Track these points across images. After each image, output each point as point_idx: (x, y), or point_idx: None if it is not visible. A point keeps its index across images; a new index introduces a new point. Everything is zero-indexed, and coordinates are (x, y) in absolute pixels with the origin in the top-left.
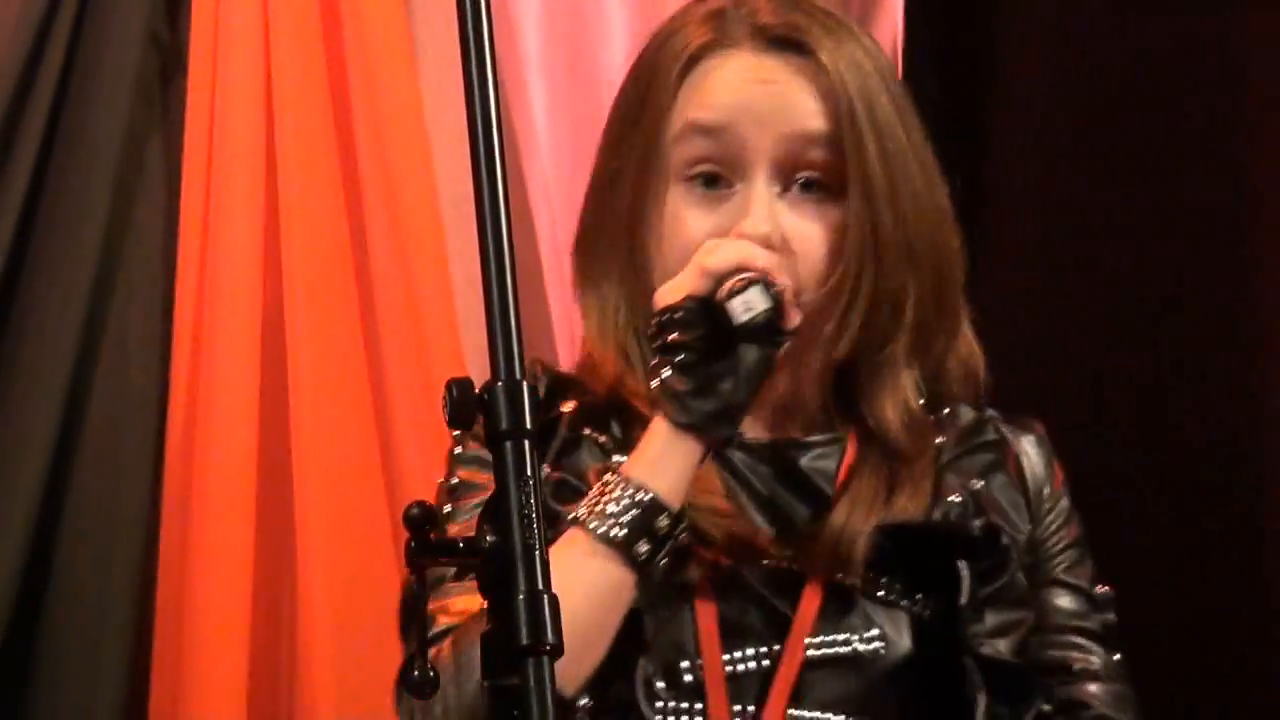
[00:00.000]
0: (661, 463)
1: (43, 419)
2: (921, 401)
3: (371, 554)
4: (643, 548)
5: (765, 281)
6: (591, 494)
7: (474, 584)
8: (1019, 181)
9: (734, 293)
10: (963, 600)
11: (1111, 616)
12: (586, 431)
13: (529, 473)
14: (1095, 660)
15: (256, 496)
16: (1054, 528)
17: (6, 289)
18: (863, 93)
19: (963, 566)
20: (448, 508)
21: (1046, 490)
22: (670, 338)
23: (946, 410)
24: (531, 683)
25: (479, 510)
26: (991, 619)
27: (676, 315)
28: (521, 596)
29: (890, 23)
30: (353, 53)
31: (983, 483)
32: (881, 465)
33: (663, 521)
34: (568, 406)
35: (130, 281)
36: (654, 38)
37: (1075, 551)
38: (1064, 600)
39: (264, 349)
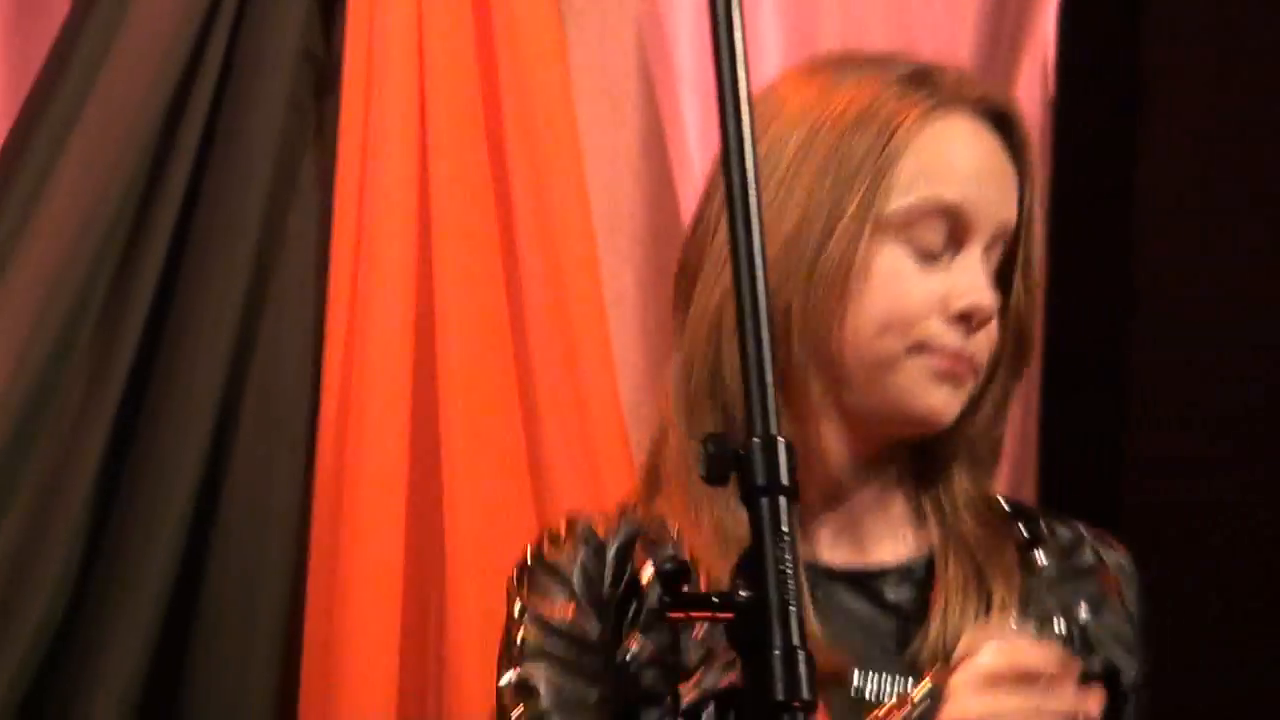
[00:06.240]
0: None
1: (196, 428)
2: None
3: (520, 555)
4: None
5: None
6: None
7: None
8: (1175, 199)
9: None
10: None
11: None
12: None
13: (785, 528)
14: None
15: (407, 501)
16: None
17: (162, 300)
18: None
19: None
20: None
21: (1142, 622)
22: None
23: (1041, 523)
24: None
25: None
26: None
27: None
28: (777, 652)
29: (1041, 41)
30: (507, 67)
31: (1090, 616)
32: (969, 577)
33: None
34: (646, 574)
35: (283, 292)
36: (844, 88)
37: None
38: None
39: (415, 357)
